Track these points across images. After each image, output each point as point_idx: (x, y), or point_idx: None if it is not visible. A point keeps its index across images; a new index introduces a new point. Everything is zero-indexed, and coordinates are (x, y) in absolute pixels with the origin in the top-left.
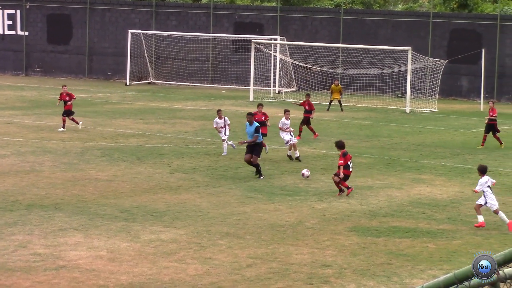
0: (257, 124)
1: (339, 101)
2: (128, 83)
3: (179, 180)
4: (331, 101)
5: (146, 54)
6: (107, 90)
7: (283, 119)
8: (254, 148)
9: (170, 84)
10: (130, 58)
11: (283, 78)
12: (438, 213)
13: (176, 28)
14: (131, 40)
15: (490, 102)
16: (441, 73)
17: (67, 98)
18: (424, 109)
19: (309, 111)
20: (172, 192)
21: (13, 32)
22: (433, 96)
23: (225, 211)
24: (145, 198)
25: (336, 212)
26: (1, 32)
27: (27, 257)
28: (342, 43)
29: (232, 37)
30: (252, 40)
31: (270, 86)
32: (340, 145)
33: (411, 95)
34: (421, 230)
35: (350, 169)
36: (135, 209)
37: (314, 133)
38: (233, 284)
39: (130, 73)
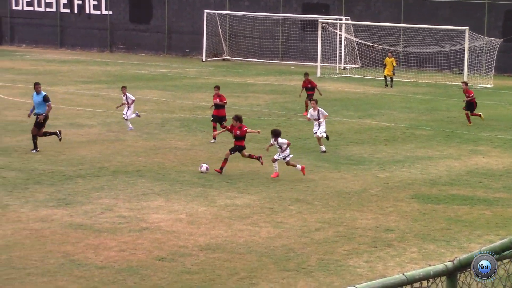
0: (45, 93)
1: (391, 78)
2: (204, 60)
3: (252, 150)
4: (385, 77)
5: (220, 32)
6: (185, 66)
7: (311, 110)
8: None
9: (243, 60)
10: (206, 36)
11: (348, 55)
12: (494, 182)
13: (248, 8)
14: (206, 19)
15: (463, 84)
16: (496, 51)
17: None
18: (481, 85)
19: (311, 88)
20: (246, 161)
21: (98, 12)
22: (489, 73)
23: (295, 179)
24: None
25: (398, 181)
26: (88, 12)
27: (113, 219)
28: (403, 23)
29: (300, 17)
30: (319, 20)
31: (336, 62)
32: (238, 117)
33: (468, 71)
34: (478, 198)
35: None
36: (211, 176)
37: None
38: (302, 246)
39: (206, 50)
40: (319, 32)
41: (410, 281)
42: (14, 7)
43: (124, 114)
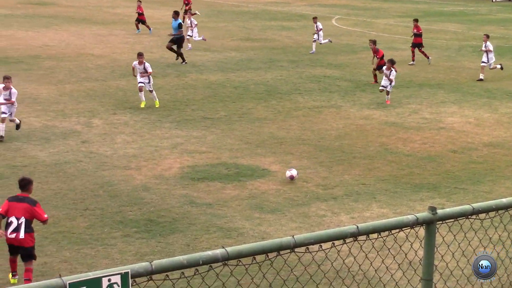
0: (180, 21)
1: None
2: (493, 0)
3: None
4: None
5: None
6: (478, 5)
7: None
8: (178, 41)
9: None
10: None
11: None
12: None
13: None
14: None
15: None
16: None
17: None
18: None
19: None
20: None
21: None
22: None
23: None
24: (504, 83)
25: None
26: None
27: (417, 120)
28: None
29: None
30: None
31: None
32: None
33: None
34: None
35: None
36: (495, 90)
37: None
38: None
39: None
40: None
41: None
42: None
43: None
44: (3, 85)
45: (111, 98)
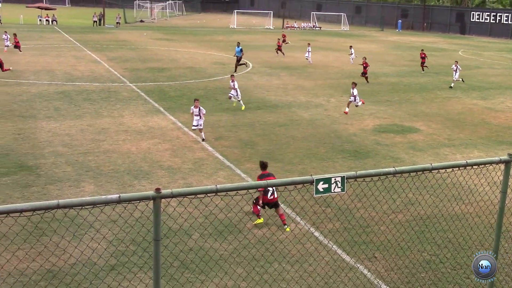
0: (241, 48)
1: None
2: None
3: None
4: None
5: None
6: None
7: None
8: (240, 59)
9: None
10: None
11: None
12: None
13: None
14: None
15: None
16: None
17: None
18: None
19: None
20: None
21: None
22: None
23: None
24: None
25: None
26: None
27: (503, 106)
28: None
29: None
30: None
31: None
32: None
33: None
34: None
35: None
36: None
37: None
38: None
39: None
40: None
41: None
42: None
43: None
44: (194, 105)
45: (341, 88)
